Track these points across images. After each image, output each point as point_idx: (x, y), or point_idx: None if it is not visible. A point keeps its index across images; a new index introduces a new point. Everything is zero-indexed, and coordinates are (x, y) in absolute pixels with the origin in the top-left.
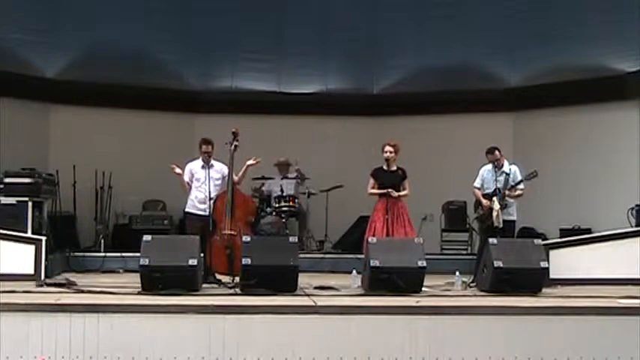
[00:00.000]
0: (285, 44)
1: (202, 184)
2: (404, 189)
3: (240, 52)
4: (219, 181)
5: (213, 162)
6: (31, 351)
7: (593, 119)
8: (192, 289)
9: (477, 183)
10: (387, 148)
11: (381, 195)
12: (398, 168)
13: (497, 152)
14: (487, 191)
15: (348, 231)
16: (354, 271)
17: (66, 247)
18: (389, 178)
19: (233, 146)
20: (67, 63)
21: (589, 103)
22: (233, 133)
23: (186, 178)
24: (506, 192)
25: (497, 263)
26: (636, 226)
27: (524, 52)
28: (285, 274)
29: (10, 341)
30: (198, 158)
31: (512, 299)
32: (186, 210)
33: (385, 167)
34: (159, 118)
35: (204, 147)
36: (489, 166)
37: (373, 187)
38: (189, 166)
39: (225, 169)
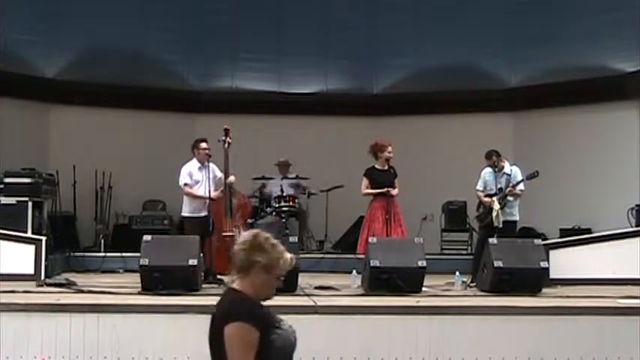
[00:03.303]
0: (285, 44)
1: (201, 184)
2: (395, 187)
3: (240, 52)
4: (213, 181)
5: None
6: (31, 351)
7: (593, 119)
8: (192, 289)
9: (479, 186)
10: (390, 148)
11: (378, 194)
12: (389, 167)
13: (494, 156)
14: (489, 193)
15: (348, 231)
16: (354, 271)
17: (66, 247)
18: (385, 177)
19: (226, 144)
20: (67, 63)
21: (589, 103)
22: (225, 130)
23: (186, 180)
24: (507, 192)
25: (498, 263)
26: (636, 226)
27: (524, 52)
28: (285, 274)
29: (10, 341)
30: (191, 160)
31: (512, 299)
32: (185, 215)
33: (379, 166)
34: (159, 118)
35: (204, 145)
36: (490, 169)
37: (368, 187)
38: (188, 169)
39: (217, 170)
